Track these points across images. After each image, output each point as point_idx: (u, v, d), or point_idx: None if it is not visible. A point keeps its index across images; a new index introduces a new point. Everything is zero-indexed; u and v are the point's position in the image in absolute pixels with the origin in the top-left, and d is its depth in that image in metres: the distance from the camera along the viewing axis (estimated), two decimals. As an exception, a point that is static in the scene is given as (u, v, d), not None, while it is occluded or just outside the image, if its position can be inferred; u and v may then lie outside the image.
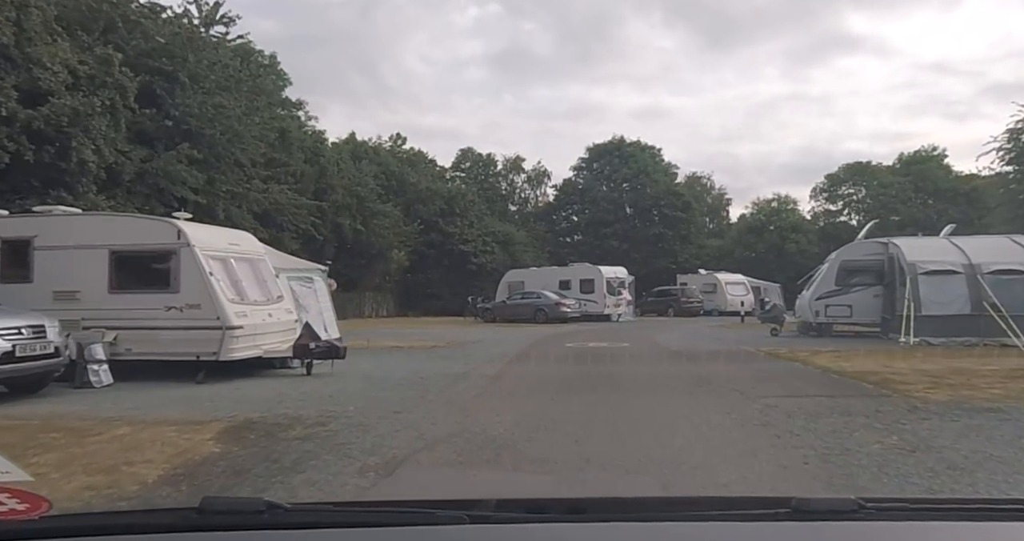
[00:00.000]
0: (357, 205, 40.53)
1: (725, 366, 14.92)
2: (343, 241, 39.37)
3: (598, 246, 55.21)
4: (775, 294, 49.38)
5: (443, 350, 19.08)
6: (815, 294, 23.48)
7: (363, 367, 14.67)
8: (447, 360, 16.01)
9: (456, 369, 14.26)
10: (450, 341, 22.41)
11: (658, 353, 17.97)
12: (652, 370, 14.22)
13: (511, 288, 39.91)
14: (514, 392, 11.08)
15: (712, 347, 19.75)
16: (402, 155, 56.32)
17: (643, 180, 59.97)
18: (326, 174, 38.45)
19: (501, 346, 20.40)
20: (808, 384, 11.62)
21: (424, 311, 48.77)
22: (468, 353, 17.92)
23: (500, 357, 16.61)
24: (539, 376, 12.86)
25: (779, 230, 58.50)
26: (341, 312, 43.59)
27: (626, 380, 12.76)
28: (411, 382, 12.23)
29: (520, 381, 12.39)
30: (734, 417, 8.55)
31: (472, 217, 51.75)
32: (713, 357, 16.99)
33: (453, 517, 1.42)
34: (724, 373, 13.35)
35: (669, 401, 9.96)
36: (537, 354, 17.75)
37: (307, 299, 16.90)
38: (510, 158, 66.71)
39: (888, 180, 59.57)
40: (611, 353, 18.15)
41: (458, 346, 20.52)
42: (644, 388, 11.60)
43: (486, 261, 50.02)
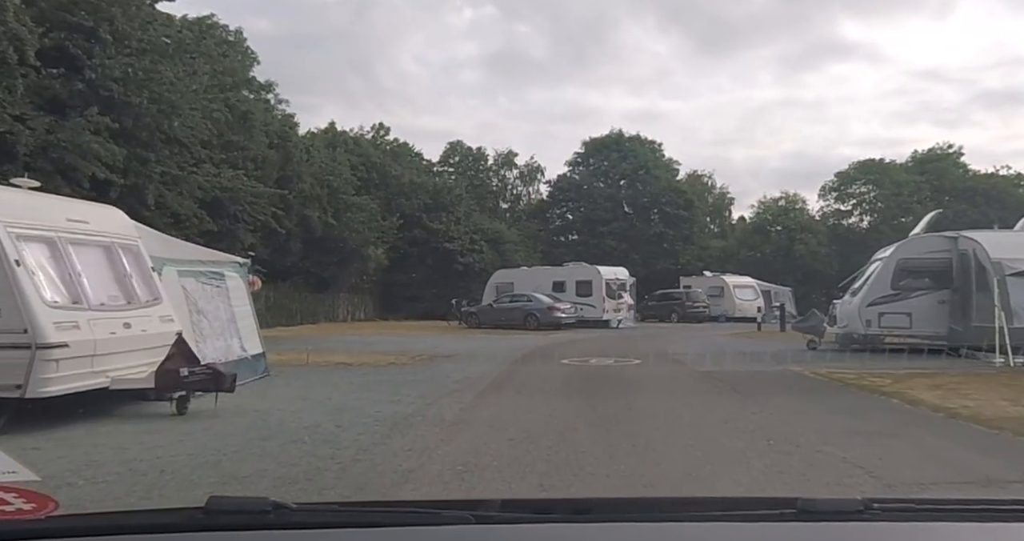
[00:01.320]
0: (328, 196, 35.85)
1: (790, 402, 10.33)
2: (311, 236, 34.70)
3: (595, 246, 50.61)
4: (786, 298, 44.92)
5: (402, 370, 14.47)
6: (866, 300, 18.92)
7: (270, 401, 10.10)
8: (397, 389, 11.39)
9: (403, 407, 9.66)
10: (418, 354, 17.81)
11: (685, 377, 13.35)
12: (689, 410, 9.59)
13: (499, 290, 35.31)
14: (475, 465, 6.40)
15: (748, 367, 15.19)
16: (385, 146, 51.65)
17: (643, 176, 55.38)
18: (292, 160, 33.78)
19: (478, 363, 15.80)
20: (955, 446, 7.05)
21: (406, 314, 44.07)
22: (432, 375, 13.30)
23: (471, 383, 11.99)
24: (521, 424, 8.21)
25: (787, 230, 53.99)
26: (311, 315, 38.99)
27: (656, 432, 8.10)
28: (318, 435, 7.65)
29: (490, 436, 7.72)
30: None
31: (459, 213, 47.10)
32: (761, 384, 12.38)
33: (458, 517, 1.40)
34: (800, 420, 8.76)
35: (752, 486, 5.40)
36: (523, 378, 13.12)
37: (210, 302, 12.25)
38: (502, 152, 62.16)
39: (903, 179, 55.12)
40: (621, 376, 13.53)
41: (424, 363, 15.93)
42: (691, 451, 6.99)
43: (473, 261, 45.36)
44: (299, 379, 12.76)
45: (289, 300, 34.91)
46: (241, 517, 1.40)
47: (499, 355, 17.89)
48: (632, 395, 10.66)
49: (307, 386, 11.67)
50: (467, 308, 34.48)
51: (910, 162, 58.29)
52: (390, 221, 40.23)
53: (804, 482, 5.71)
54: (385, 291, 45.14)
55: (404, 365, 15.23)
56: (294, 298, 35.31)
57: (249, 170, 31.13)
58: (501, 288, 35.31)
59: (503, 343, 22.76)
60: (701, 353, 18.39)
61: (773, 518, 1.43)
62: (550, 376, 13.18)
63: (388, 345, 21.82)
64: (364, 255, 39.25)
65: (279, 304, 34.14)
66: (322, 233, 35.30)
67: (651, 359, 16.71)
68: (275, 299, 33.87)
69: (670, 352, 18.97)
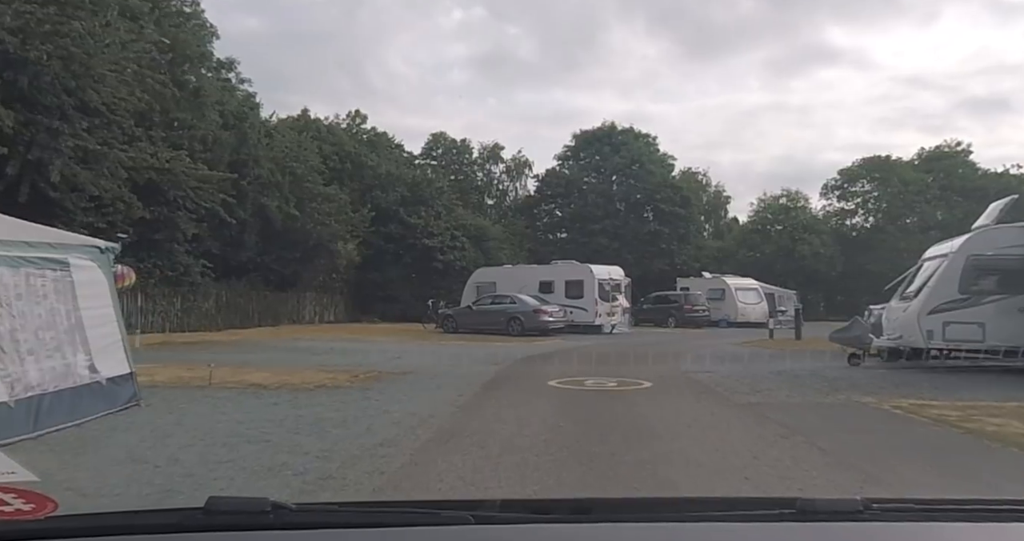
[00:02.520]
0: (291, 184, 31.74)
1: (916, 472, 6.32)
2: (270, 227, 30.59)
3: (585, 244, 46.66)
4: (791, 302, 41.15)
5: (329, 398, 10.43)
6: (926, 306, 15.02)
7: (68, 468, 6.08)
8: (295, 441, 7.36)
9: (282, 478, 5.67)
10: (367, 371, 13.79)
11: (728, 416, 9.29)
12: (760, 479, 5.58)
13: (480, 290, 31.33)
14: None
15: (801, 396, 11.20)
16: (361, 136, 47.53)
17: (636, 171, 51.48)
18: (248, 143, 29.66)
19: (436, 388, 11.80)
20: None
21: (381, 315, 40.03)
22: (362, 412, 9.26)
23: (410, 430, 7.90)
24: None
25: (788, 230, 50.20)
26: (272, 317, 34.65)
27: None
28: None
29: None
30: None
31: (439, 207, 43.01)
32: (842, 432, 8.37)
33: (458, 517, 1.39)
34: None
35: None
36: (490, 418, 9.02)
37: (37, 301, 8.20)
38: (487, 146, 58.13)
39: (911, 176, 51.46)
40: (635, 415, 9.48)
41: (365, 386, 11.89)
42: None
43: (454, 258, 41.28)
44: (169, 415, 8.72)
45: (244, 299, 30.79)
46: (240, 517, 1.39)
47: (469, 372, 13.89)
48: (664, 464, 6.59)
49: (163, 433, 7.65)
50: (444, 310, 30.48)
51: (916, 160, 54.70)
52: (361, 213, 36.10)
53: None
54: (358, 291, 41.01)
55: (337, 389, 11.20)
56: (250, 297, 31.18)
57: (196, 152, 27.05)
58: (482, 288, 31.34)
59: (479, 353, 18.77)
60: (725, 371, 14.43)
61: (772, 518, 1.41)
62: (530, 415, 9.13)
63: (339, 355, 17.82)
64: (332, 251, 35.11)
65: (232, 304, 30.06)
66: (283, 225, 31.20)
67: (665, 380, 12.75)
68: (228, 298, 29.82)
69: (685, 369, 15.00)
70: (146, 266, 24.76)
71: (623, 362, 16.39)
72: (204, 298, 28.23)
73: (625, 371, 14.12)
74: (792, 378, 13.47)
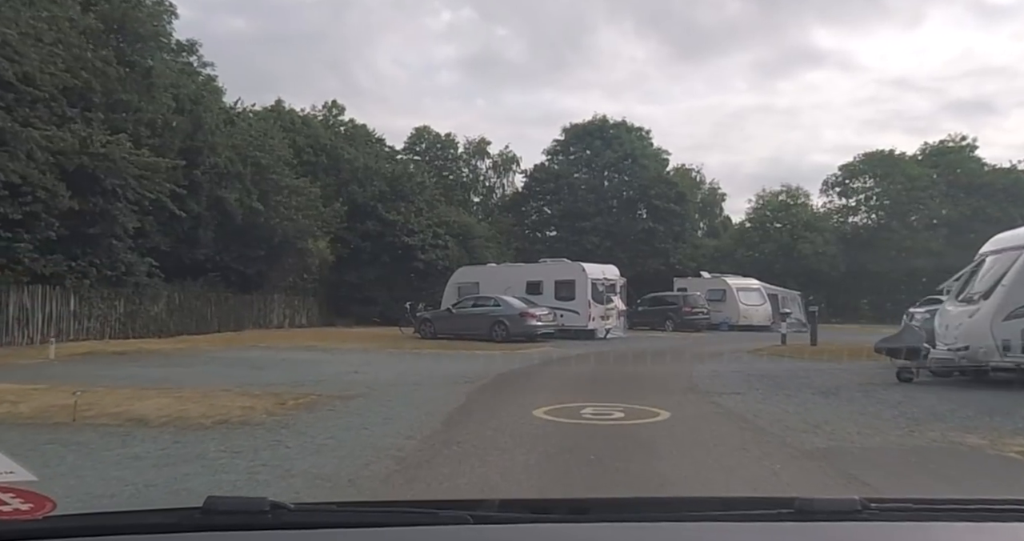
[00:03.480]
0: (254, 175, 28.58)
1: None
2: (229, 222, 27.41)
3: (575, 243, 43.64)
4: (795, 303, 38.28)
5: (227, 438, 7.34)
6: (1002, 309, 12.05)
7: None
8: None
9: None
10: (305, 393, 10.72)
11: (785, 463, 6.25)
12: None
13: (461, 291, 28.27)
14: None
15: (882, 435, 8.12)
16: (338, 128, 44.37)
17: (630, 166, 48.49)
18: (203, 129, 26.47)
19: (386, 419, 8.73)
20: None
21: (357, 319, 36.95)
22: (260, 462, 6.19)
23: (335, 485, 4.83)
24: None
25: (789, 228, 47.28)
26: (235, 321, 31.26)
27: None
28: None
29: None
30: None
31: (421, 203, 39.89)
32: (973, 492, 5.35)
33: (456, 517, 1.38)
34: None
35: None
36: (449, 473, 5.97)
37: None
38: (473, 141, 54.99)
39: (916, 172, 48.65)
40: (655, 467, 6.38)
41: (294, 415, 8.82)
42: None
43: (436, 258, 38.18)
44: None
45: (201, 302, 27.58)
46: (239, 517, 1.38)
47: (434, 395, 10.82)
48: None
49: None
50: (422, 314, 27.39)
51: (919, 155, 51.94)
52: (333, 208, 32.87)
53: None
54: (332, 292, 37.84)
55: (243, 426, 8.08)
56: (208, 300, 27.96)
57: (142, 137, 23.89)
58: (464, 289, 28.28)
59: (453, 365, 15.71)
60: (757, 393, 11.40)
61: (771, 518, 1.41)
62: (504, 479, 6.02)
63: (286, 369, 14.73)
64: (302, 249, 31.93)
65: (187, 307, 26.86)
66: (244, 220, 28.03)
67: (685, 408, 9.70)
68: (181, 301, 26.61)
69: (704, 388, 11.95)
70: (80, 264, 21.60)
71: (626, 377, 13.39)
72: (152, 301, 24.99)
73: (631, 392, 11.08)
74: (847, 403, 10.44)
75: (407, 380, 12.83)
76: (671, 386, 12.22)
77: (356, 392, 11.01)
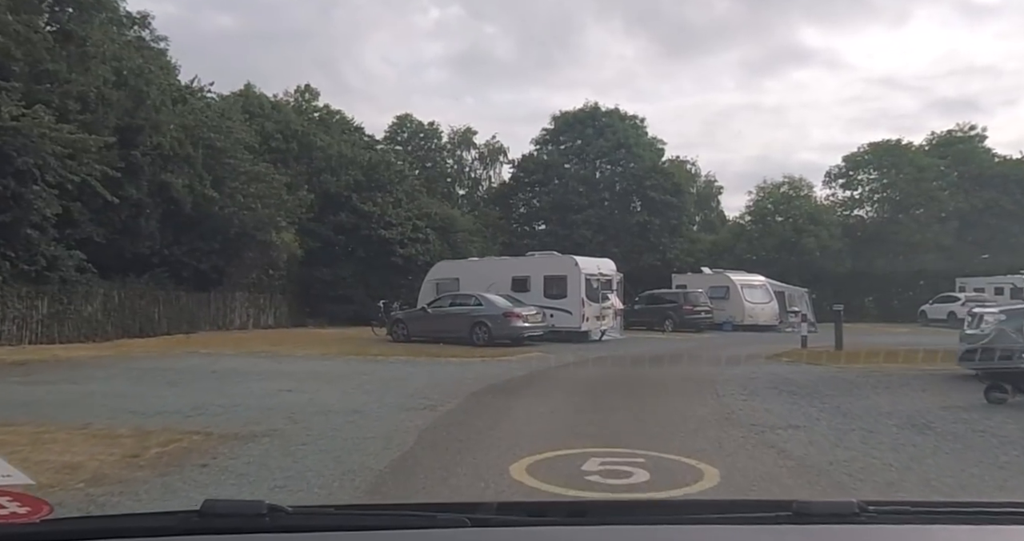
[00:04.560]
0: (206, 158, 25.25)
1: None
2: (177, 211, 24.06)
3: (566, 237, 40.46)
4: (803, 301, 35.17)
5: None
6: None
7: None
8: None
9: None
10: (194, 429, 7.50)
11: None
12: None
13: (440, 288, 25.05)
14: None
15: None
16: (311, 113, 41.02)
17: (623, 156, 45.31)
18: (146, 106, 23.11)
19: (282, 483, 5.51)
20: None
21: (330, 318, 33.68)
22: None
23: None
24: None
25: (792, 221, 44.18)
26: (189, 322, 27.61)
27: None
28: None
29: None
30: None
31: (400, 193, 36.60)
32: None
33: (454, 520, 1.37)
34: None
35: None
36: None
37: None
38: (458, 130, 51.71)
39: (925, 162, 45.68)
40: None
41: (139, 478, 5.59)
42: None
43: (416, 252, 34.89)
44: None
45: (146, 302, 24.24)
46: (236, 520, 1.37)
47: (370, 435, 7.57)
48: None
49: None
50: (395, 314, 24.16)
51: (925, 146, 48.99)
52: (299, 195, 29.48)
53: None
54: (303, 290, 34.52)
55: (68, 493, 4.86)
56: (155, 299, 24.62)
57: (71, 112, 20.56)
58: (443, 286, 25.06)
59: (416, 379, 12.51)
60: (821, 426, 8.22)
61: (768, 521, 1.40)
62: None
63: (200, 386, 11.51)
64: (265, 241, 28.60)
65: (129, 308, 23.54)
66: (195, 209, 24.70)
67: (736, 458, 6.51)
68: (121, 299, 23.26)
69: (747, 418, 8.74)
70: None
71: (636, 398, 10.22)
72: (85, 300, 21.63)
73: (649, 425, 7.92)
74: (952, 442, 7.25)
75: (349, 404, 9.61)
76: (699, 413, 9.05)
77: (266, 427, 7.78)
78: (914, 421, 8.44)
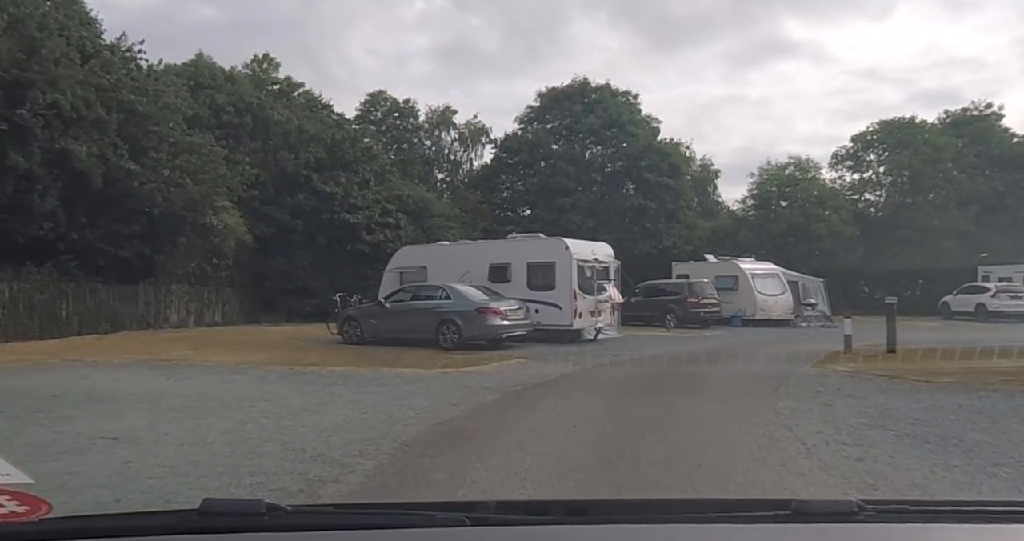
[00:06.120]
0: (125, 125, 20.78)
1: None
2: (83, 187, 19.59)
3: (554, 222, 36.12)
4: (819, 292, 31.18)
5: None
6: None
7: None
8: None
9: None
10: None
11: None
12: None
13: (405, 278, 20.81)
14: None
15: None
16: (270, 85, 36.50)
17: (616, 135, 41.02)
18: (40, 57, 18.59)
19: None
20: None
21: (288, 315, 29.37)
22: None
23: None
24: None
25: (800, 205, 40.06)
26: (111, 320, 20.79)
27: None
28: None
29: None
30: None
31: (367, 173, 32.15)
32: None
33: (453, 519, 1.35)
34: None
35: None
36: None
37: None
38: (437, 109, 47.22)
39: (941, 141, 41.63)
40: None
41: None
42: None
43: (386, 239, 30.44)
44: None
45: (50, 296, 19.81)
46: (235, 519, 1.34)
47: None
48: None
49: None
50: (346, 310, 19.88)
51: (938, 124, 44.97)
52: (240, 169, 24.84)
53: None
54: (257, 282, 30.07)
55: None
56: (63, 292, 20.20)
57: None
58: (408, 276, 20.82)
59: (318, 423, 8.26)
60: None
61: (768, 519, 1.37)
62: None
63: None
64: (205, 225, 24.15)
65: (25, 302, 19.15)
66: (108, 184, 20.23)
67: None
68: (13, 293, 18.85)
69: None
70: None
71: (677, 459, 6.04)
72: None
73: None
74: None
75: (175, 478, 5.35)
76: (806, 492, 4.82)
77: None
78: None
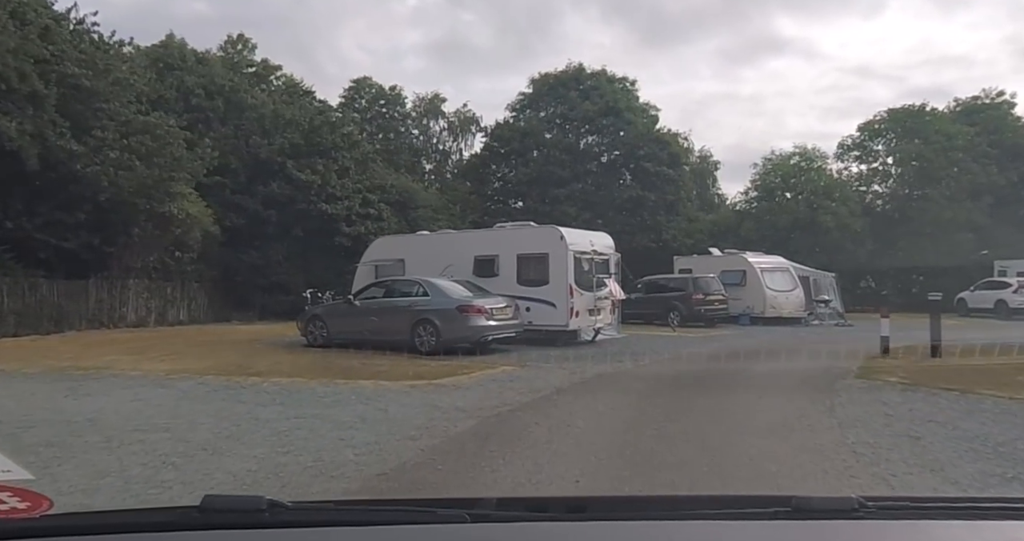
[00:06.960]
0: (67, 100, 18.39)
1: None
2: (17, 169, 17.19)
3: (547, 214, 33.74)
4: (831, 288, 28.96)
5: None
6: None
7: None
8: None
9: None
10: None
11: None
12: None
13: (380, 272, 18.49)
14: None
15: None
16: (244, 67, 34.07)
17: (613, 122, 38.66)
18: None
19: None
20: None
21: (261, 312, 27.09)
22: None
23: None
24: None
25: (805, 197, 37.82)
26: (54, 319, 16.56)
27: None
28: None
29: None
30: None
31: (348, 161, 29.79)
32: None
33: (454, 515, 1.34)
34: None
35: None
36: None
37: None
38: (425, 97, 44.82)
39: (953, 130, 39.42)
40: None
41: None
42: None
43: (367, 231, 28.03)
44: None
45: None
46: (236, 516, 1.33)
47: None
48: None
49: None
50: (313, 308, 17.57)
51: (947, 112, 42.78)
52: (200, 151, 22.30)
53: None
54: (227, 277, 27.68)
55: None
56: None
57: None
58: (384, 270, 18.50)
59: (213, 474, 5.96)
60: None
61: (768, 516, 1.36)
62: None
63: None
64: (164, 214, 21.72)
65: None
66: (45, 167, 17.83)
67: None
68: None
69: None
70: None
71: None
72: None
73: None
74: None
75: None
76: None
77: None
78: None
